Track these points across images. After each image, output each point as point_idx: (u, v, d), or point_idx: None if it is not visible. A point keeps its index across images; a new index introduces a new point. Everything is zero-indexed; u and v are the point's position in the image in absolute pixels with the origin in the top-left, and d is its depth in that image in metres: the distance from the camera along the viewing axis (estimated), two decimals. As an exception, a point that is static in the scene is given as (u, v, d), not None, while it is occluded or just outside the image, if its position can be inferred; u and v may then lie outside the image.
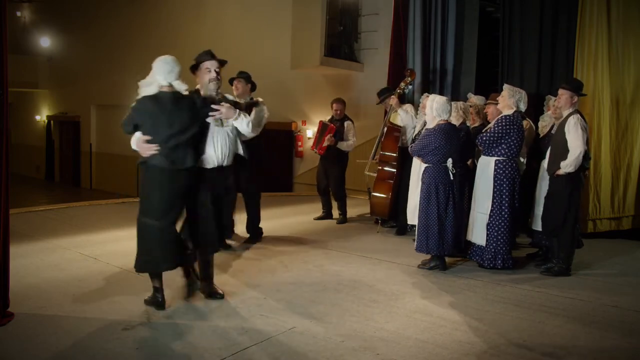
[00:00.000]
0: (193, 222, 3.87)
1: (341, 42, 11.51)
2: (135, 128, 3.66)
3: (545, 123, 5.40)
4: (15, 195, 4.40)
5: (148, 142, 3.60)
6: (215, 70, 3.84)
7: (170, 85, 3.65)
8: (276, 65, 11.80)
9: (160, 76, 3.62)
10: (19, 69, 18.07)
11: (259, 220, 5.90)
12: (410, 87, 6.58)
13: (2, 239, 3.37)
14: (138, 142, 3.66)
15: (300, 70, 11.67)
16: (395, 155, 6.17)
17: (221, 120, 3.86)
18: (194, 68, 3.91)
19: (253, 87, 5.64)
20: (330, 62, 11.09)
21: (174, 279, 4.08)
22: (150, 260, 3.67)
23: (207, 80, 3.84)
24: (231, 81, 5.53)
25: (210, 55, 3.88)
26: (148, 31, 15.93)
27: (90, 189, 18.80)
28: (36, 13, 20.69)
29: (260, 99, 5.45)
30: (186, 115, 3.66)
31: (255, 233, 5.88)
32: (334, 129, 6.81)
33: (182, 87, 3.70)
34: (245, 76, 5.55)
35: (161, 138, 3.59)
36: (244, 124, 3.92)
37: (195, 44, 13.56)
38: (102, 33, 17.40)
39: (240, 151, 4.11)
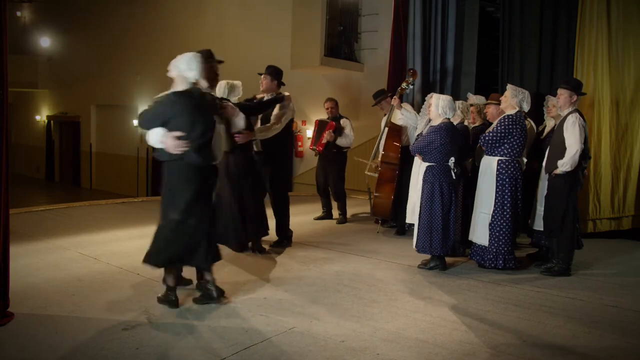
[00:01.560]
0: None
1: (341, 42, 11.51)
2: (163, 124, 3.57)
3: (548, 125, 5.39)
4: (15, 195, 4.40)
5: (180, 138, 3.54)
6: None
7: (197, 82, 3.67)
8: (276, 65, 11.80)
9: (191, 72, 3.59)
10: (19, 69, 18.11)
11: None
12: (411, 86, 6.58)
13: (2, 239, 3.37)
14: (166, 138, 3.55)
15: (300, 70, 11.66)
16: (397, 155, 6.17)
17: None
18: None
19: (280, 84, 5.52)
20: (330, 62, 11.09)
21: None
22: (169, 255, 3.68)
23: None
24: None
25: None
26: (148, 31, 15.94)
27: (90, 189, 18.82)
28: (36, 13, 20.71)
29: (286, 93, 5.38)
30: (211, 112, 3.79)
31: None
32: (333, 125, 6.83)
33: (204, 84, 3.77)
34: (269, 72, 5.46)
35: (196, 134, 3.59)
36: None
37: (195, 44, 13.55)
38: (102, 33, 17.41)
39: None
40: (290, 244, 5.66)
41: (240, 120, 4.59)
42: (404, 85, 6.27)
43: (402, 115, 6.23)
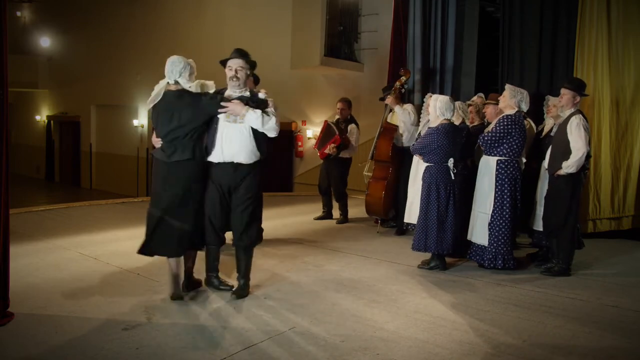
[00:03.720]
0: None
1: (341, 42, 11.52)
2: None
3: (547, 124, 5.39)
4: (15, 195, 4.40)
5: (156, 137, 3.90)
6: (235, 69, 3.91)
7: (177, 83, 3.84)
8: (276, 65, 11.81)
9: (167, 75, 3.84)
10: (19, 69, 18.10)
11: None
12: (406, 86, 6.58)
13: (2, 239, 3.37)
14: (152, 136, 3.96)
15: (300, 70, 11.67)
16: (389, 154, 6.18)
17: (234, 116, 3.88)
18: (223, 65, 4.02)
19: (256, 81, 5.46)
20: (330, 62, 11.10)
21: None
22: (145, 245, 3.90)
23: (227, 78, 3.97)
24: None
25: (236, 53, 3.98)
26: (148, 31, 15.95)
27: (90, 189, 18.82)
28: (36, 13, 20.71)
29: (270, 99, 5.35)
30: (187, 111, 3.79)
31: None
32: (338, 140, 6.75)
33: (187, 84, 3.86)
34: None
35: (162, 133, 3.83)
36: (252, 120, 3.86)
37: (195, 44, 13.64)
38: (102, 33, 17.42)
39: (257, 151, 3.98)
40: (260, 241, 5.61)
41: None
42: (397, 84, 6.28)
43: (398, 115, 6.24)
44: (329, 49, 11.12)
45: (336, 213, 7.18)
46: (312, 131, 12.13)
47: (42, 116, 21.52)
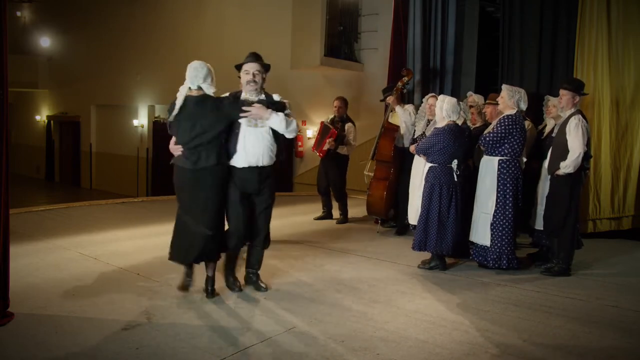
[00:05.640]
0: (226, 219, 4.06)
1: (341, 42, 11.52)
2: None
3: (549, 125, 5.39)
4: (15, 195, 4.40)
5: (176, 143, 3.85)
6: (253, 73, 3.92)
7: (199, 89, 3.81)
8: (276, 65, 11.76)
9: (188, 81, 3.80)
10: (19, 69, 18.09)
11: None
12: (407, 86, 6.58)
13: (2, 239, 3.37)
14: (171, 143, 3.89)
15: (300, 70, 11.67)
16: (391, 154, 6.18)
17: (255, 120, 3.90)
18: (238, 69, 4.02)
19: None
20: (330, 62, 11.10)
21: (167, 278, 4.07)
22: (178, 251, 3.93)
23: (244, 82, 3.96)
24: None
25: (251, 57, 3.98)
26: (148, 31, 15.94)
27: (90, 189, 18.82)
28: (36, 13, 20.70)
29: (286, 101, 5.35)
30: (210, 116, 3.79)
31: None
32: (335, 133, 6.78)
33: (210, 90, 3.84)
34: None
35: (185, 140, 3.79)
36: (276, 123, 3.91)
37: (195, 44, 13.63)
38: (102, 33, 17.42)
39: (277, 154, 4.07)
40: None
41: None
42: (399, 85, 6.28)
43: (400, 115, 6.23)
44: (329, 49, 11.12)
45: (336, 213, 7.18)
46: (312, 131, 12.11)
47: (42, 116, 21.51)
